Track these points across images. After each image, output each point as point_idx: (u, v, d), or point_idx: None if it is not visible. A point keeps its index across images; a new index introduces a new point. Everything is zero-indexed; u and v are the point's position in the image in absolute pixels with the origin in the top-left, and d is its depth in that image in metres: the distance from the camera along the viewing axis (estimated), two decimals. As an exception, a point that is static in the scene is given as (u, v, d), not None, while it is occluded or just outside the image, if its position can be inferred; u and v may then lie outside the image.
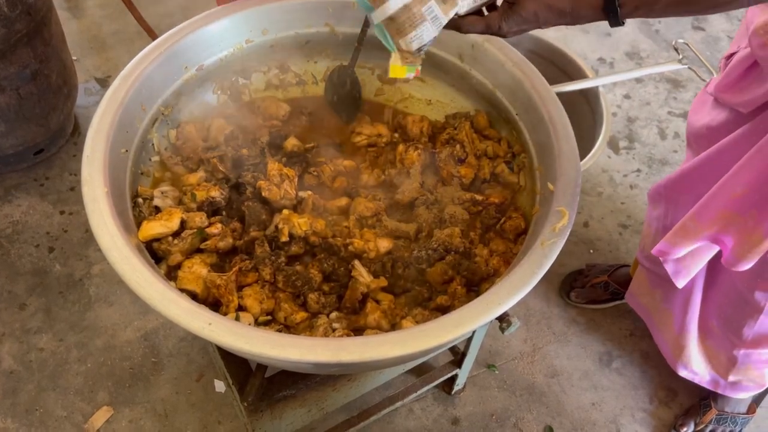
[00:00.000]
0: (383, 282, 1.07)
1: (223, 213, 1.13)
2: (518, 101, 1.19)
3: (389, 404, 1.49)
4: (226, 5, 1.22)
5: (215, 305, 1.01)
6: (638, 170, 2.20)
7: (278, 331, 0.97)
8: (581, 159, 1.09)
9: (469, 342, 1.41)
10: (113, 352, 1.67)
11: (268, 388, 1.18)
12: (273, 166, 1.14)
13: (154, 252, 1.03)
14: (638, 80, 2.50)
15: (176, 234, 1.05)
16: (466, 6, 0.89)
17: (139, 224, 1.02)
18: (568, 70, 1.77)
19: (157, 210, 1.08)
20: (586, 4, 0.83)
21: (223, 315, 0.96)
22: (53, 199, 1.97)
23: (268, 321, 1.02)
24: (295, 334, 0.96)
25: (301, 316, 1.02)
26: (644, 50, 2.65)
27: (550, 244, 0.93)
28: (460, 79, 1.30)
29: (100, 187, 0.94)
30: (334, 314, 1.04)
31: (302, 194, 1.15)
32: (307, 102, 1.36)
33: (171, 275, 1.02)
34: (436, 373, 1.53)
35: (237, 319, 0.98)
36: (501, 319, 1.03)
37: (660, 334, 1.58)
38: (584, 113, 1.74)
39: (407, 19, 0.88)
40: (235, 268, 1.03)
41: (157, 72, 1.13)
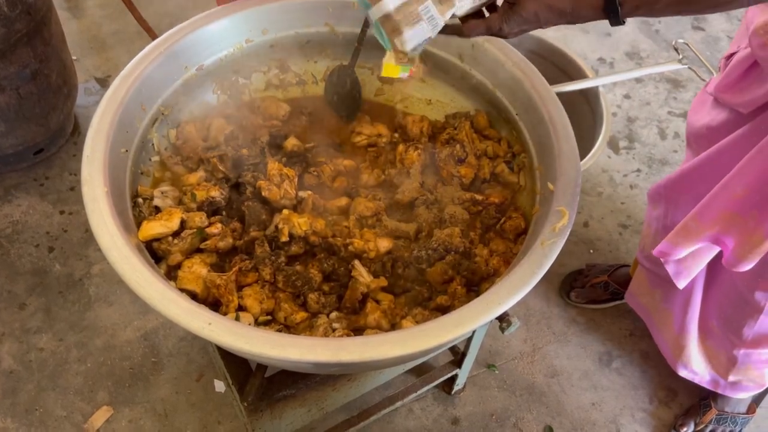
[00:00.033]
0: (383, 282, 1.07)
1: (223, 213, 1.13)
2: (518, 101, 1.19)
3: (389, 404, 1.49)
4: (226, 5, 1.22)
5: (215, 305, 1.01)
6: (638, 170, 2.20)
7: (278, 331, 0.97)
8: (581, 159, 1.09)
9: (469, 342, 1.41)
10: (113, 352, 1.67)
11: (268, 387, 1.18)
12: (273, 166, 1.14)
13: (154, 252, 1.03)
14: (638, 80, 2.50)
15: (176, 234, 1.05)
16: (465, 7, 0.89)
17: (139, 224, 1.02)
18: (568, 70, 1.77)
19: (157, 210, 1.08)
20: (587, 4, 0.83)
21: (223, 315, 0.96)
22: (53, 199, 1.97)
23: (268, 321, 1.02)
24: (295, 334, 0.96)
25: (301, 316, 1.02)
26: (644, 50, 2.65)
27: (550, 244, 0.93)
28: (460, 79, 1.30)
29: (100, 186, 0.94)
30: (334, 314, 1.04)
31: (302, 194, 1.15)
32: (307, 102, 1.36)
33: (171, 275, 1.02)
34: (436, 373, 1.53)
35: (237, 319, 0.98)
36: (501, 319, 1.03)
37: (660, 334, 1.58)
38: (584, 113, 1.74)
39: (403, 18, 0.87)
40: (235, 268, 1.03)
41: (157, 72, 1.13)
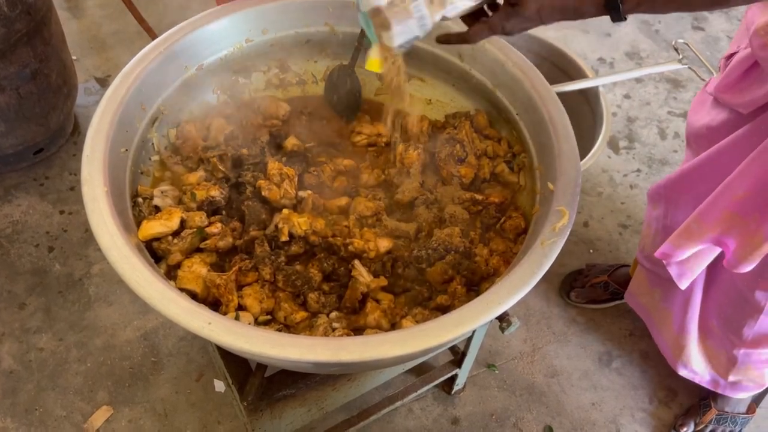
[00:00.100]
0: (383, 282, 1.07)
1: (223, 212, 1.13)
2: (518, 101, 1.19)
3: (389, 404, 1.48)
4: (225, 4, 1.22)
5: (215, 305, 1.01)
6: (638, 170, 2.20)
7: (278, 331, 0.97)
8: (581, 159, 1.09)
9: (469, 342, 1.41)
10: (113, 352, 1.67)
11: (267, 387, 1.18)
12: (273, 166, 1.14)
13: (154, 251, 1.03)
14: (638, 80, 2.50)
15: (176, 233, 1.05)
16: (457, 10, 0.88)
17: (139, 224, 1.02)
18: (568, 70, 1.77)
19: (157, 209, 1.08)
20: (589, 0, 0.83)
21: (223, 314, 0.97)
22: (53, 199, 1.97)
23: (268, 320, 1.02)
24: (294, 334, 0.96)
25: (301, 315, 1.02)
26: (644, 50, 2.65)
27: (550, 244, 0.93)
28: (460, 79, 1.30)
29: (100, 186, 0.94)
30: (334, 314, 1.04)
31: (302, 194, 1.15)
32: (307, 101, 1.36)
33: (171, 275, 1.02)
34: (436, 373, 1.52)
35: (237, 318, 0.98)
36: (501, 319, 1.03)
37: (659, 334, 1.58)
38: (584, 113, 1.74)
39: (393, 14, 0.87)
40: (235, 268, 1.03)
41: (157, 71, 1.13)
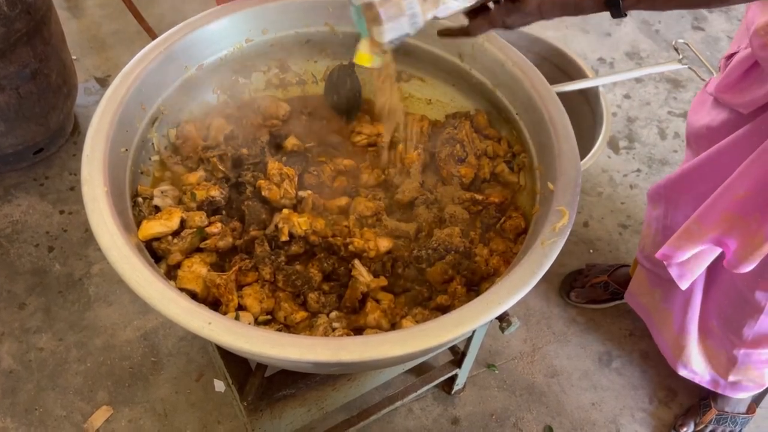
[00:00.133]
0: (383, 281, 1.07)
1: (223, 212, 1.13)
2: (518, 101, 1.19)
3: (389, 404, 1.48)
4: (225, 4, 1.22)
5: (215, 305, 1.01)
6: (638, 170, 2.20)
7: (278, 331, 0.97)
8: (581, 159, 1.09)
9: (469, 342, 1.41)
10: (113, 352, 1.67)
11: (267, 387, 1.18)
12: (273, 166, 1.14)
13: (154, 251, 1.03)
14: (638, 80, 2.50)
15: (176, 233, 1.05)
16: (450, 10, 0.88)
17: (139, 223, 1.02)
18: (568, 70, 1.76)
19: (157, 209, 1.08)
20: None
21: (223, 314, 0.97)
22: (53, 199, 1.97)
23: (268, 320, 1.02)
24: (294, 334, 0.96)
25: (301, 315, 1.02)
26: (644, 50, 2.65)
27: (550, 244, 0.93)
28: (460, 79, 1.30)
29: (100, 186, 0.94)
30: (334, 314, 1.04)
31: (302, 194, 1.15)
32: (307, 101, 1.35)
33: (171, 274, 1.02)
34: (436, 373, 1.52)
35: (237, 318, 0.98)
36: (501, 319, 1.03)
37: (659, 334, 1.58)
38: (584, 113, 1.74)
39: (386, 9, 0.87)
40: (235, 268, 1.03)
41: (157, 71, 1.13)
